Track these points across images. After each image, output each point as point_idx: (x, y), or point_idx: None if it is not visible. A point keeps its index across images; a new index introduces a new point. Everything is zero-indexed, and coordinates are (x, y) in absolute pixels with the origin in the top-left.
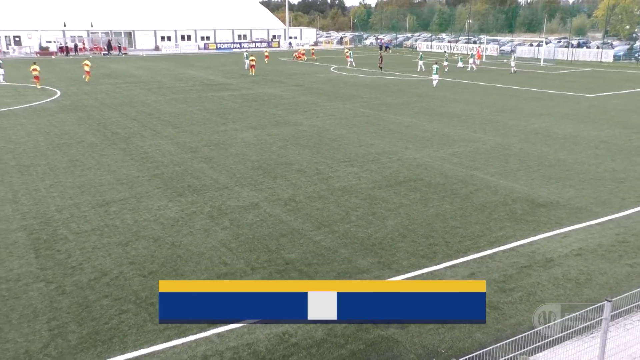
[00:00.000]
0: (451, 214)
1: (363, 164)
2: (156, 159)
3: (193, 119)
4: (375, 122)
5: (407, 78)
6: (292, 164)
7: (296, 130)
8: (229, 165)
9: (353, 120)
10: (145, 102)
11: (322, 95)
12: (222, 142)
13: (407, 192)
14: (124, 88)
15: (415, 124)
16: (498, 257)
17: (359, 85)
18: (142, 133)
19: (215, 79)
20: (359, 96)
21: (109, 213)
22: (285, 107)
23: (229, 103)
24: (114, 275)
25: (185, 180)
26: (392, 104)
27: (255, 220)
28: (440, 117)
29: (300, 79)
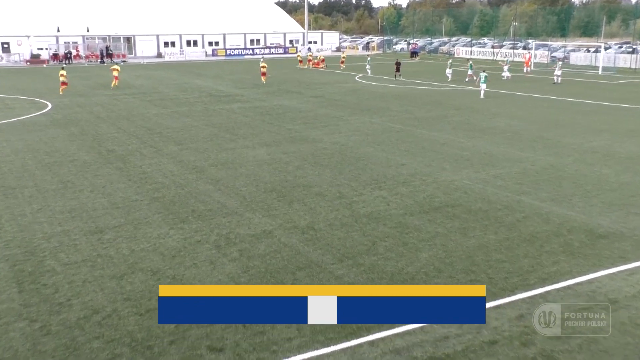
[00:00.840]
0: (495, 245)
1: (392, 186)
2: (156, 180)
3: (198, 135)
4: (406, 139)
5: (442, 88)
6: (310, 187)
7: (315, 148)
8: (238, 187)
9: (381, 137)
10: (145, 115)
11: (345, 107)
12: (231, 161)
13: (444, 219)
14: (122, 100)
15: (452, 141)
16: (551, 297)
17: (388, 97)
18: (141, 151)
19: (224, 90)
20: (387, 109)
21: (102, 241)
22: (303, 121)
23: (240, 117)
24: (107, 314)
25: (189, 205)
26: (425, 118)
27: (268, 251)
28: (482, 133)
29: (320, 89)
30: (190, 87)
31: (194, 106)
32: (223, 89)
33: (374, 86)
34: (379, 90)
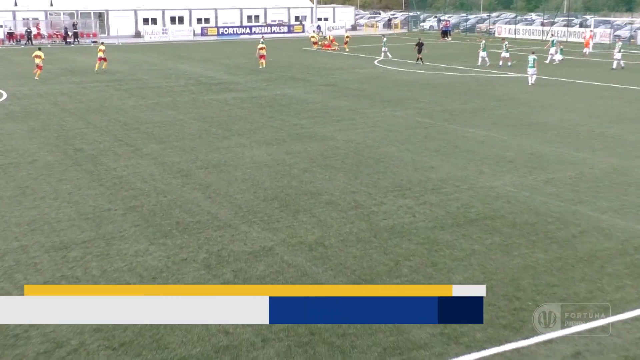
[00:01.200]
0: (545, 266)
1: (419, 194)
2: (134, 185)
3: (185, 131)
4: (436, 136)
5: (480, 75)
6: (320, 194)
7: (326, 147)
8: (232, 194)
9: (405, 134)
10: (120, 107)
11: (362, 98)
12: (224, 163)
13: (482, 234)
14: (93, 89)
15: (493, 139)
16: (616, 330)
17: (414, 85)
18: (115, 150)
19: (215, 76)
20: (413, 100)
21: (67, 260)
22: (311, 115)
23: (234, 109)
24: (72, 348)
25: (172, 216)
26: (460, 111)
27: (268, 271)
28: (529, 130)
29: (333, 75)
30: (174, 73)
31: (180, 96)
32: (214, 75)
33: (397, 72)
34: (403, 77)
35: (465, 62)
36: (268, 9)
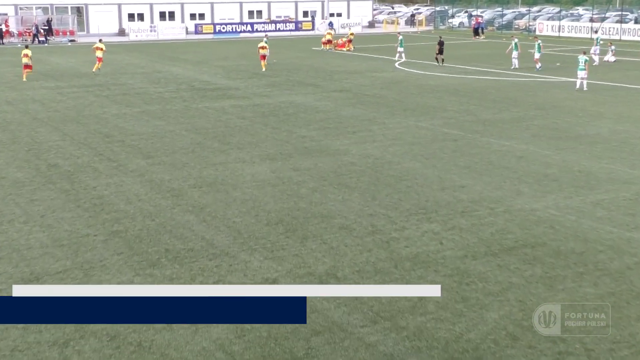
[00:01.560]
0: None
1: (447, 217)
2: (116, 207)
3: (176, 144)
4: (467, 150)
5: (518, 79)
6: (332, 217)
7: (339, 163)
8: (231, 217)
9: (431, 147)
10: (101, 116)
11: (381, 106)
12: (221, 181)
13: (521, 264)
14: (69, 95)
15: (533, 154)
16: None
17: (441, 91)
18: (95, 166)
19: (211, 81)
20: (440, 108)
21: None
22: (322, 126)
23: (233, 119)
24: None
25: (161, 242)
26: (494, 121)
27: None
28: (576, 143)
29: (347, 80)
30: (164, 77)
31: (170, 104)
32: (210, 79)
33: (421, 76)
34: (428, 81)
35: (500, 64)
36: (272, 3)
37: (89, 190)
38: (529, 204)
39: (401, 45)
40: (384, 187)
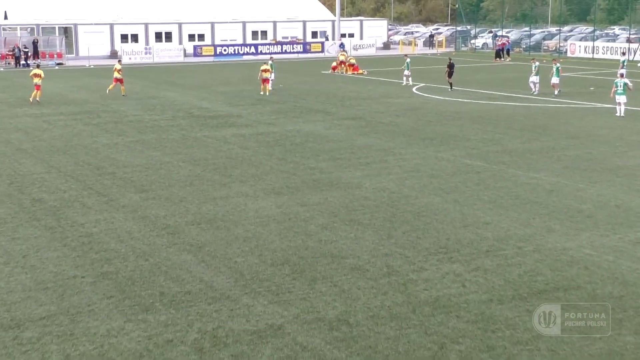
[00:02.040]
0: (636, 352)
1: (470, 258)
2: (106, 245)
3: (172, 177)
4: (491, 183)
5: (548, 105)
6: (343, 257)
7: (351, 197)
8: (232, 257)
9: (452, 180)
10: (90, 146)
11: (397, 135)
12: (222, 217)
13: None
14: (56, 123)
15: (565, 187)
16: None
17: (464, 118)
18: (83, 201)
19: (211, 108)
20: (462, 137)
21: (21, 342)
22: (332, 157)
23: (235, 149)
24: None
25: (155, 284)
26: (522, 151)
27: (276, 357)
28: (613, 175)
29: (360, 106)
30: (160, 103)
31: (166, 133)
32: (210, 106)
33: (441, 102)
34: (449, 107)
35: (528, 89)
36: (278, 23)
37: (77, 227)
38: (561, 243)
39: (407, 68)
40: (400, 224)
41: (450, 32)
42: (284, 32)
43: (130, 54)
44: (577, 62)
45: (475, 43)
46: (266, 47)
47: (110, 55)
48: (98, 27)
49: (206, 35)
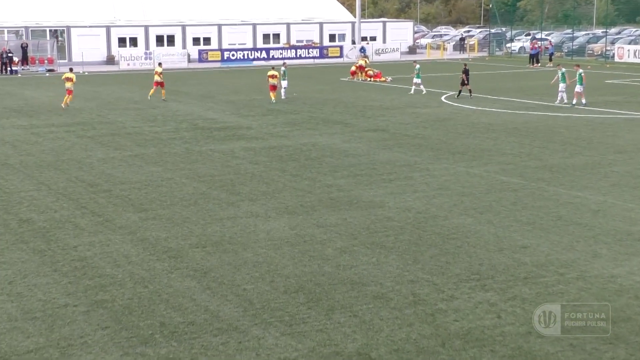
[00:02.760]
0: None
1: (507, 285)
2: (101, 271)
3: (174, 195)
4: (530, 203)
5: (594, 116)
6: (364, 284)
7: (373, 218)
8: (240, 284)
9: (486, 199)
10: (84, 161)
11: (424, 148)
12: (229, 240)
13: (599, 344)
14: (47, 135)
15: (612, 208)
16: None
17: (498, 130)
18: (76, 221)
19: (218, 118)
20: (497, 151)
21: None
22: (352, 173)
23: (244, 164)
24: None
25: (155, 314)
26: (564, 167)
27: None
28: None
29: (383, 117)
30: (161, 113)
31: (168, 146)
32: (217, 117)
33: (472, 112)
34: (481, 118)
35: (570, 98)
36: (292, 25)
37: (69, 250)
38: (608, 269)
39: (418, 77)
40: (427, 248)
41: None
42: (299, 35)
43: (128, 60)
44: (626, 68)
45: (511, 47)
46: (279, 51)
47: (106, 60)
48: (93, 29)
49: (212, 39)
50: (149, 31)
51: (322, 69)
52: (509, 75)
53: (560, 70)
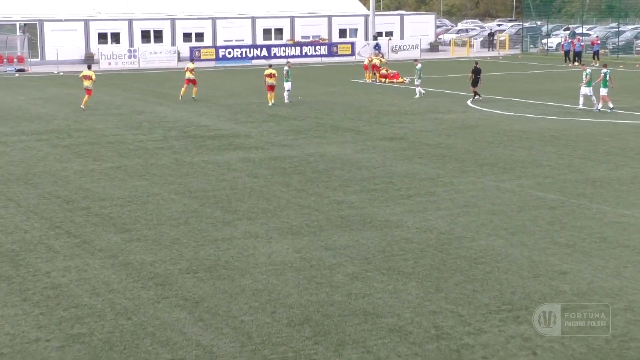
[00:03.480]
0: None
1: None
2: (78, 300)
3: (162, 213)
4: (569, 222)
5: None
6: (379, 315)
7: (389, 239)
8: (237, 315)
9: (518, 218)
10: (59, 174)
11: (447, 159)
12: (225, 264)
13: None
14: (16, 145)
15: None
16: None
17: (532, 139)
18: (49, 243)
19: (212, 125)
20: (531, 162)
21: None
22: (365, 187)
23: (242, 177)
24: None
25: (140, 350)
26: (608, 181)
27: None
28: None
29: (400, 123)
30: (147, 119)
31: (155, 157)
32: (211, 123)
33: (503, 118)
34: (513, 125)
35: (616, 101)
36: (296, 19)
37: (40, 277)
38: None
39: (419, 77)
40: (452, 274)
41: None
42: (304, 30)
43: (110, 58)
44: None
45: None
46: (281, 49)
47: (84, 59)
48: (69, 24)
49: (206, 34)
50: (133, 26)
51: (331, 69)
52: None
53: (585, 71)
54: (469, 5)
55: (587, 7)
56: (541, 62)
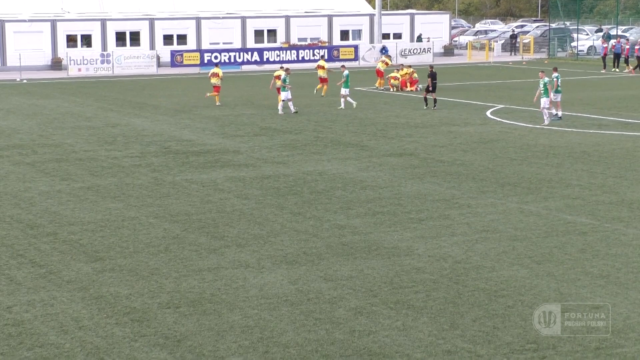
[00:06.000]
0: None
1: (573, 357)
2: (44, 339)
3: (139, 239)
4: (603, 249)
5: None
6: (386, 355)
7: (398, 269)
8: (224, 355)
9: (544, 245)
10: (22, 195)
11: (464, 178)
12: (210, 298)
13: None
14: None
15: None
16: None
17: (561, 155)
18: (10, 274)
19: (196, 140)
20: (559, 182)
21: None
22: (370, 210)
23: (230, 199)
24: None
25: None
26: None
27: None
28: None
29: (410, 137)
30: (122, 133)
31: (131, 176)
32: (195, 137)
33: (527, 131)
34: (539, 139)
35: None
36: (292, 19)
37: (1, 312)
38: None
39: (346, 85)
40: (469, 308)
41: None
42: (301, 31)
43: (80, 64)
44: None
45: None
46: (275, 52)
47: (51, 65)
48: (34, 24)
49: (189, 36)
50: (107, 26)
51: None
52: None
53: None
54: (488, 3)
55: (622, 6)
56: (571, 67)
